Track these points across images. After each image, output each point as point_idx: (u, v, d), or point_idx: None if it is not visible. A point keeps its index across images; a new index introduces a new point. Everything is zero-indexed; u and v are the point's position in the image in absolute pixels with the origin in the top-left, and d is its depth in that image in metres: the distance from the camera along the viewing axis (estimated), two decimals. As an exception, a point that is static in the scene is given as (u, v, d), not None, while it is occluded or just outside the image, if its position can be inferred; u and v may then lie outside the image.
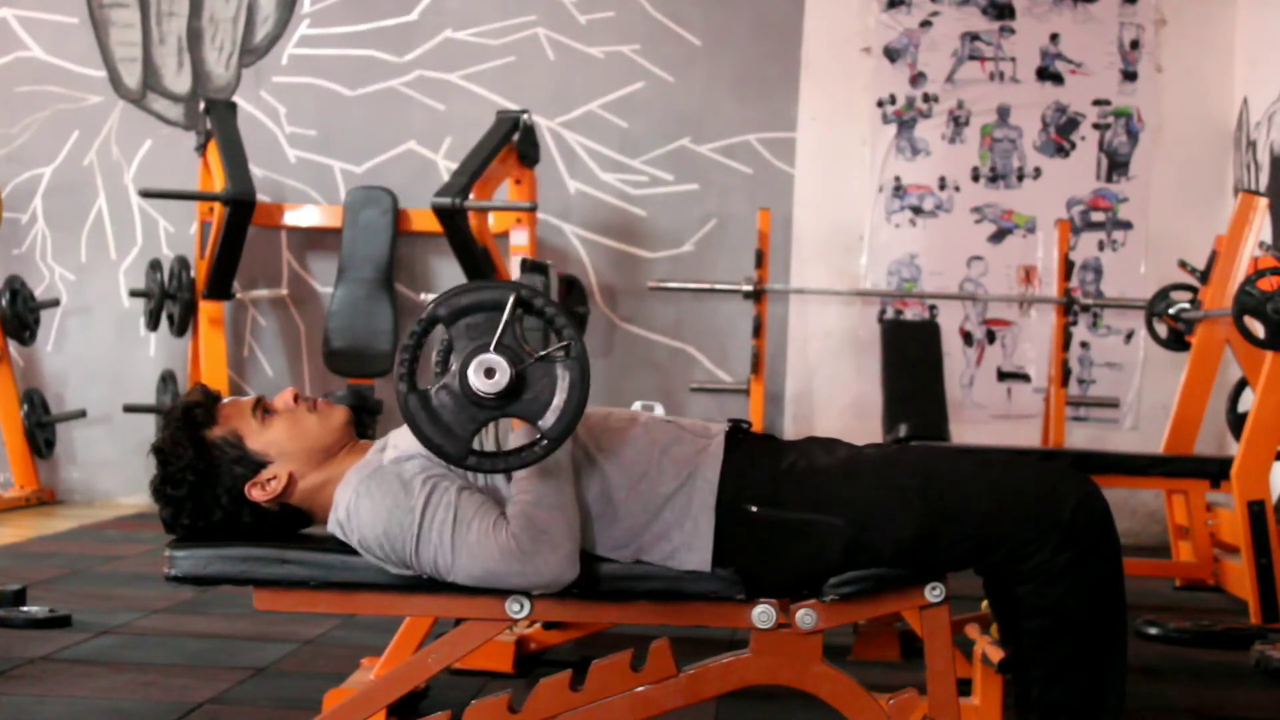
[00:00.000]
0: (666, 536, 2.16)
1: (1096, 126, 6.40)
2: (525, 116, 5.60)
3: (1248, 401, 4.74)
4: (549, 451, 2.03)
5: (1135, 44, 6.39)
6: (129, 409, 6.24)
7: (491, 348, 2.01)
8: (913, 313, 6.43)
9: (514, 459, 2.04)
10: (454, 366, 2.02)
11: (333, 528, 2.21)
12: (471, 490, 2.14)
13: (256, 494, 2.23)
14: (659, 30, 6.49)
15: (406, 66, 6.53)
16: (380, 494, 2.13)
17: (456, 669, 3.08)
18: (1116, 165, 6.40)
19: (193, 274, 6.18)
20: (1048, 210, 6.36)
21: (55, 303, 6.43)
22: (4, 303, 6.14)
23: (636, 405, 3.58)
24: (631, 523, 2.17)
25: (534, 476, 2.10)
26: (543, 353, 2.03)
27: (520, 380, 2.02)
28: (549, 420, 2.03)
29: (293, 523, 2.28)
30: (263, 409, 2.27)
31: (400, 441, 2.21)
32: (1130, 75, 6.39)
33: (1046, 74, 6.41)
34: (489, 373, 2.00)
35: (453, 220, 5.17)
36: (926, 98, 6.43)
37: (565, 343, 2.04)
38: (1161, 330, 5.51)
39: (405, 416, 2.04)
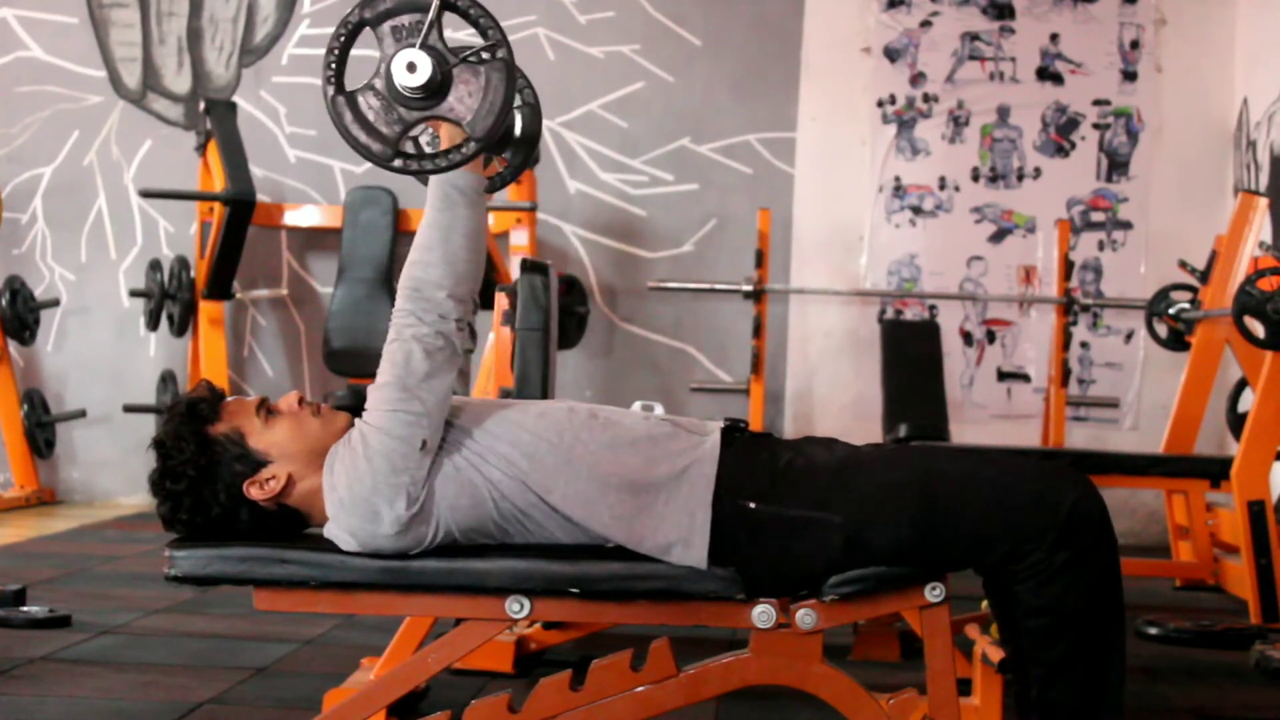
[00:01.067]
0: (661, 528, 2.16)
1: (1096, 126, 6.40)
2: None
3: (1248, 401, 4.74)
4: (475, 153, 2.03)
5: (1135, 44, 6.39)
6: (129, 409, 6.24)
7: (417, 46, 2.00)
8: (913, 313, 6.44)
9: (441, 159, 2.04)
10: (379, 66, 2.02)
11: (329, 532, 2.21)
12: None
13: (255, 493, 2.23)
14: (659, 30, 6.49)
15: (406, 66, 6.51)
16: (344, 450, 2.18)
17: (456, 669, 3.09)
18: (1116, 165, 6.40)
19: (193, 274, 6.18)
20: (1048, 210, 6.37)
21: (55, 303, 6.43)
22: (4, 303, 6.14)
23: (636, 405, 3.59)
24: (624, 509, 2.16)
25: (426, 212, 2.16)
26: (468, 53, 2.02)
27: (445, 78, 2.01)
28: (475, 122, 2.02)
29: (290, 523, 2.28)
30: (266, 409, 2.27)
31: None
32: (1130, 75, 6.39)
33: (1046, 74, 6.41)
34: (411, 67, 2.00)
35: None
36: (926, 98, 6.43)
37: (491, 44, 2.03)
38: (1161, 330, 5.51)
39: (333, 120, 2.05)
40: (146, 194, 6.01)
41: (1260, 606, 4.04)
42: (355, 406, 2.24)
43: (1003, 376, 6.43)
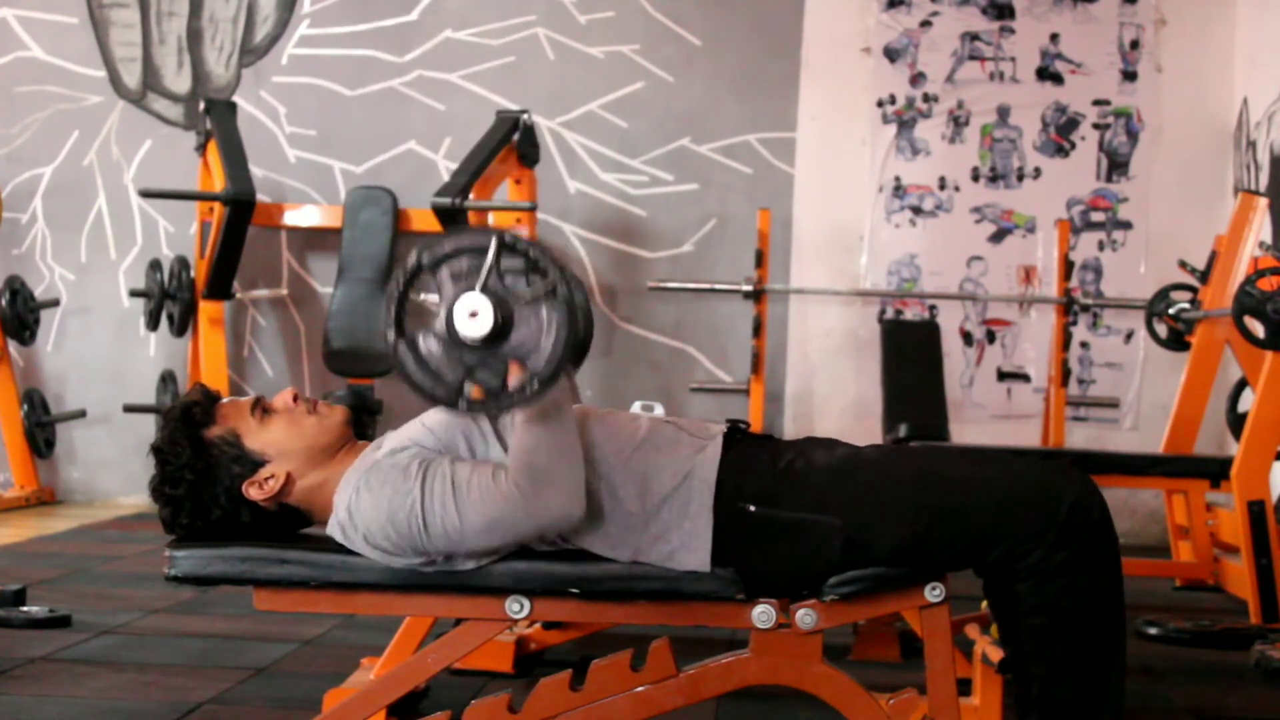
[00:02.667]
0: (665, 537, 2.16)
1: (1096, 126, 6.40)
2: (525, 116, 5.61)
3: (1248, 401, 4.74)
4: (539, 393, 2.02)
5: (1135, 44, 6.39)
6: (129, 409, 6.24)
7: (476, 289, 2.00)
8: (913, 313, 6.44)
9: (505, 401, 2.04)
10: (439, 312, 2.02)
11: (333, 530, 2.21)
12: (465, 459, 2.15)
13: (254, 493, 2.23)
14: (659, 30, 6.49)
15: (406, 66, 6.53)
16: (379, 485, 2.14)
17: (456, 669, 3.08)
18: (1116, 165, 6.40)
19: (193, 274, 6.18)
20: (1048, 210, 6.36)
21: (55, 303, 6.43)
22: (4, 303, 6.14)
23: (636, 405, 3.58)
24: (629, 522, 2.17)
25: (530, 424, 2.10)
26: (528, 295, 2.03)
27: (506, 323, 2.01)
28: (538, 361, 2.02)
29: (291, 523, 2.28)
30: (261, 409, 2.27)
31: (394, 437, 2.21)
32: (1130, 75, 6.39)
33: (1046, 74, 6.41)
34: (474, 314, 2.00)
35: (453, 220, 5.17)
36: (926, 98, 6.43)
37: (550, 284, 2.03)
38: (1161, 330, 5.51)
39: (395, 363, 2.04)
40: (146, 194, 6.01)
41: (1260, 606, 4.04)
42: (355, 406, 2.24)
43: (1003, 376, 6.43)
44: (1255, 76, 6.09)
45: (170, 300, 6.18)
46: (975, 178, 6.43)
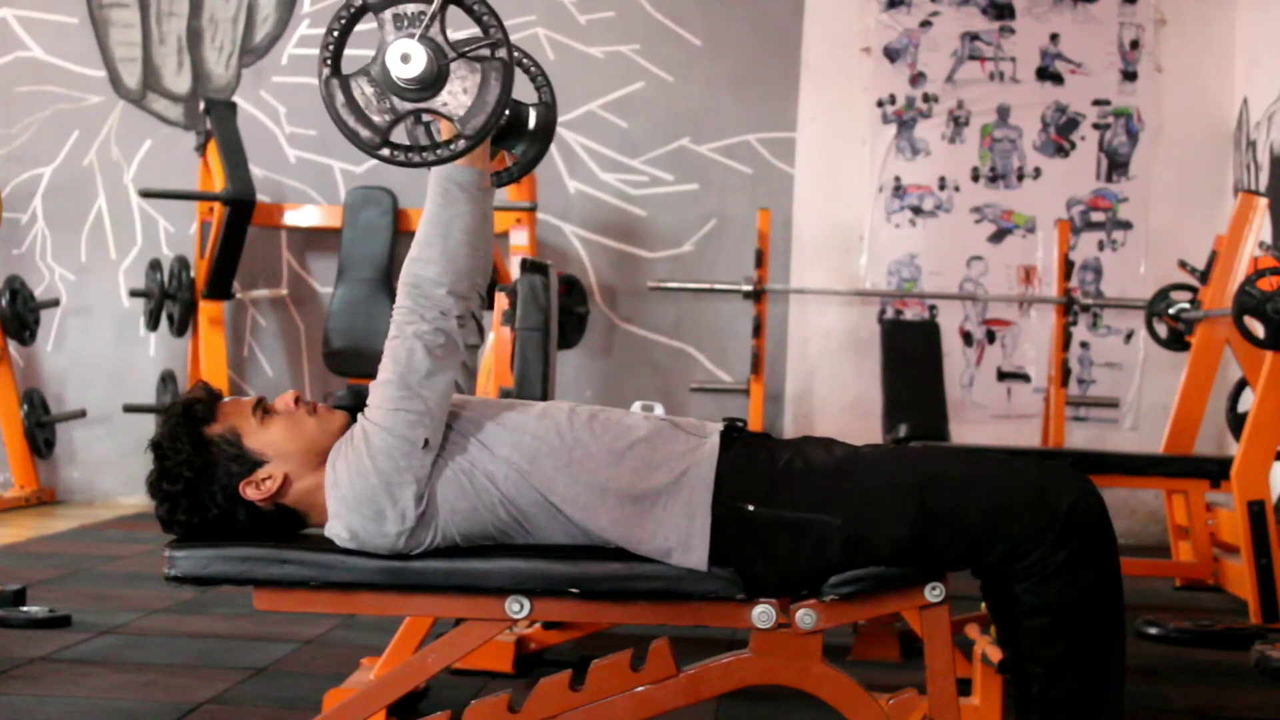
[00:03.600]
0: (660, 533, 2.16)
1: (1096, 126, 6.40)
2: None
3: (1248, 401, 4.74)
4: (465, 150, 2.02)
5: (1135, 44, 6.39)
6: (129, 409, 6.24)
7: (416, 38, 1.99)
8: (913, 313, 6.44)
9: (429, 153, 2.03)
10: (376, 54, 2.01)
11: (331, 530, 2.21)
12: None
13: (251, 493, 2.23)
14: (659, 30, 6.49)
15: (406, 66, 6.52)
16: (346, 448, 2.17)
17: (456, 669, 3.09)
18: (1116, 165, 6.40)
19: (193, 274, 6.18)
20: (1048, 210, 6.37)
21: (55, 303, 6.43)
22: (4, 303, 6.14)
23: (636, 405, 3.58)
24: (623, 514, 2.16)
25: (426, 207, 2.14)
26: (466, 49, 2.01)
27: (441, 73, 2.00)
28: (468, 119, 2.01)
29: (288, 524, 2.28)
30: (263, 409, 2.27)
31: None
32: (1130, 75, 6.39)
33: (1046, 74, 6.41)
34: (405, 58, 1.99)
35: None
36: (926, 98, 6.43)
37: (490, 41, 2.01)
38: (1161, 330, 5.51)
39: (324, 101, 2.03)
40: (146, 194, 6.01)
41: (1260, 606, 4.04)
42: (355, 406, 2.23)
43: (1003, 376, 6.43)
44: (1255, 76, 6.09)
45: (170, 300, 6.19)
46: (975, 178, 6.43)
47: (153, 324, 6.23)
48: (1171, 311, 5.41)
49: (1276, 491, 4.25)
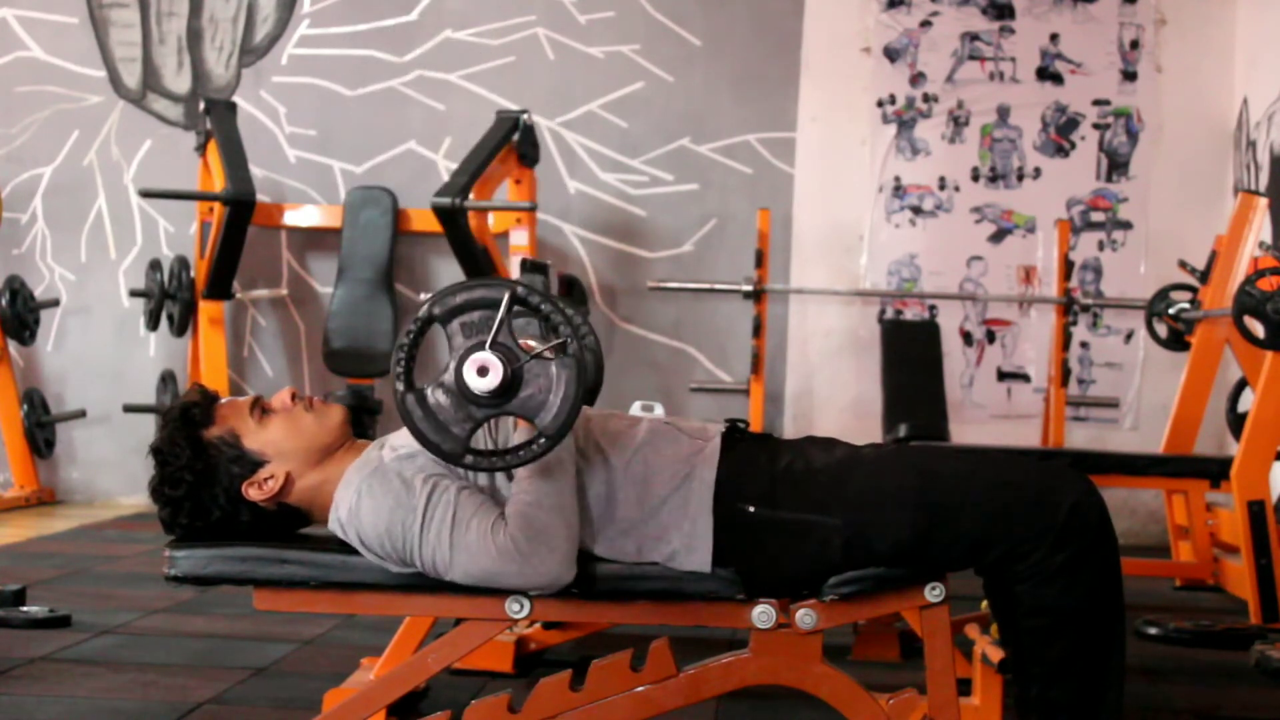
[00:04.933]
0: (665, 538, 2.16)
1: (1096, 126, 6.40)
2: (525, 116, 5.61)
3: (1248, 401, 4.74)
4: (546, 450, 2.02)
5: (1135, 44, 6.39)
6: (129, 409, 6.24)
7: (486, 346, 2.00)
8: (913, 313, 6.44)
9: (512, 458, 2.04)
10: (449, 365, 2.02)
11: (333, 526, 2.21)
12: (472, 490, 2.14)
13: (254, 493, 2.23)
14: (659, 30, 6.49)
15: (406, 66, 6.53)
16: (382, 493, 2.13)
17: (456, 669, 3.08)
18: (1116, 165, 6.40)
19: (192, 274, 6.18)
20: (1048, 210, 6.36)
21: (55, 303, 6.43)
22: (4, 303, 6.14)
23: (636, 405, 3.58)
24: (628, 525, 2.17)
25: (534, 476, 2.10)
26: (538, 350, 2.02)
27: (516, 378, 2.01)
28: (546, 418, 2.02)
29: (291, 522, 2.28)
30: (260, 408, 2.27)
31: (401, 440, 2.21)
32: (1130, 75, 6.39)
33: (1046, 74, 6.41)
34: (482, 371, 1.99)
35: (453, 220, 5.17)
36: (926, 98, 6.43)
37: (561, 340, 2.03)
38: (1161, 330, 5.51)
39: (402, 416, 2.03)
40: (146, 194, 6.01)
41: (1260, 606, 4.04)
42: (355, 406, 2.23)
43: (1002, 376, 6.43)
44: (1255, 76, 6.09)
45: (170, 300, 6.19)
46: (975, 178, 6.43)
47: (153, 324, 6.23)
48: (1171, 311, 5.41)
49: (1276, 491, 4.25)
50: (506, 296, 2.01)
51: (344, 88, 6.55)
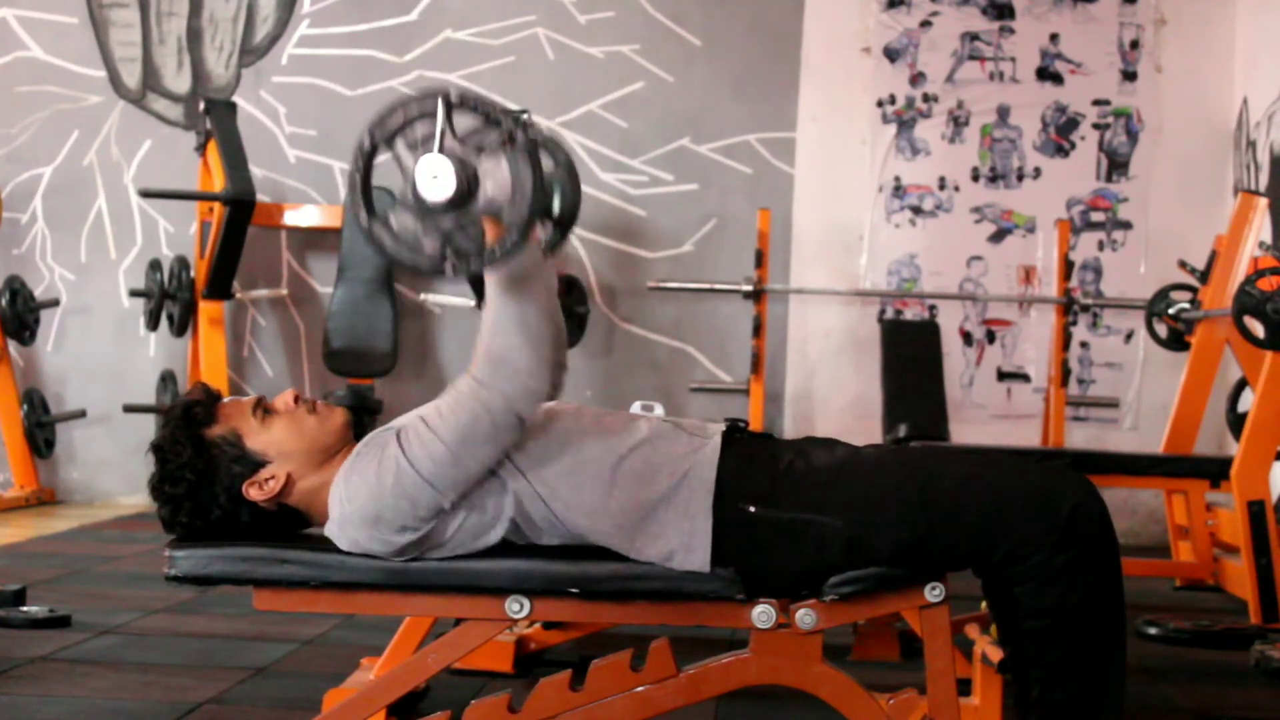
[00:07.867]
0: (664, 536, 2.16)
1: (1096, 126, 6.40)
2: (525, 116, 5.60)
3: (1248, 401, 4.74)
4: (517, 244, 2.00)
5: (1135, 44, 6.39)
6: (129, 409, 6.24)
7: (434, 152, 1.99)
8: (913, 313, 6.44)
9: (488, 257, 2.01)
10: (405, 183, 2.01)
11: (330, 532, 2.21)
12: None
13: (254, 493, 2.23)
14: (659, 30, 6.49)
15: (406, 66, 6.53)
16: (365, 464, 2.15)
17: (456, 669, 3.08)
18: (1116, 165, 6.40)
19: (192, 274, 6.18)
20: (1047, 210, 6.37)
21: (55, 303, 6.43)
22: (4, 303, 6.14)
23: (636, 405, 3.58)
24: (626, 519, 2.16)
25: (499, 296, 2.10)
26: (483, 145, 2.01)
27: (472, 181, 2.00)
28: (511, 214, 2.00)
29: (291, 523, 2.28)
30: (263, 409, 2.27)
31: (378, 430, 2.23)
32: (1130, 75, 6.39)
33: (1046, 74, 6.41)
34: (435, 177, 1.99)
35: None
36: (926, 98, 6.43)
37: (506, 133, 2.00)
38: (1161, 330, 5.51)
39: (373, 245, 2.03)
40: (146, 194, 6.01)
41: (1260, 606, 4.04)
42: (355, 406, 2.24)
43: (1002, 376, 6.43)
44: (1255, 76, 6.09)
45: (170, 300, 6.18)
46: (975, 178, 6.43)
47: (153, 324, 6.23)
48: (1171, 311, 5.41)
49: (1276, 491, 4.25)
50: (440, 101, 1.99)
51: (344, 88, 6.55)
